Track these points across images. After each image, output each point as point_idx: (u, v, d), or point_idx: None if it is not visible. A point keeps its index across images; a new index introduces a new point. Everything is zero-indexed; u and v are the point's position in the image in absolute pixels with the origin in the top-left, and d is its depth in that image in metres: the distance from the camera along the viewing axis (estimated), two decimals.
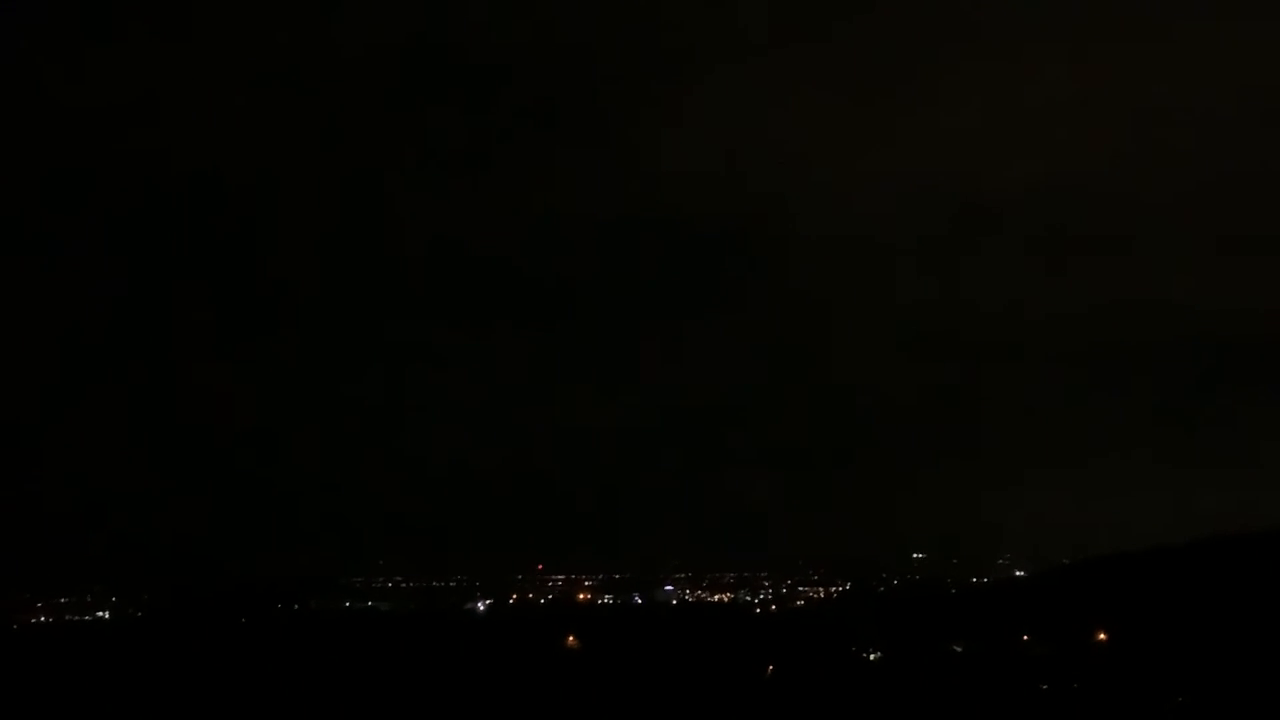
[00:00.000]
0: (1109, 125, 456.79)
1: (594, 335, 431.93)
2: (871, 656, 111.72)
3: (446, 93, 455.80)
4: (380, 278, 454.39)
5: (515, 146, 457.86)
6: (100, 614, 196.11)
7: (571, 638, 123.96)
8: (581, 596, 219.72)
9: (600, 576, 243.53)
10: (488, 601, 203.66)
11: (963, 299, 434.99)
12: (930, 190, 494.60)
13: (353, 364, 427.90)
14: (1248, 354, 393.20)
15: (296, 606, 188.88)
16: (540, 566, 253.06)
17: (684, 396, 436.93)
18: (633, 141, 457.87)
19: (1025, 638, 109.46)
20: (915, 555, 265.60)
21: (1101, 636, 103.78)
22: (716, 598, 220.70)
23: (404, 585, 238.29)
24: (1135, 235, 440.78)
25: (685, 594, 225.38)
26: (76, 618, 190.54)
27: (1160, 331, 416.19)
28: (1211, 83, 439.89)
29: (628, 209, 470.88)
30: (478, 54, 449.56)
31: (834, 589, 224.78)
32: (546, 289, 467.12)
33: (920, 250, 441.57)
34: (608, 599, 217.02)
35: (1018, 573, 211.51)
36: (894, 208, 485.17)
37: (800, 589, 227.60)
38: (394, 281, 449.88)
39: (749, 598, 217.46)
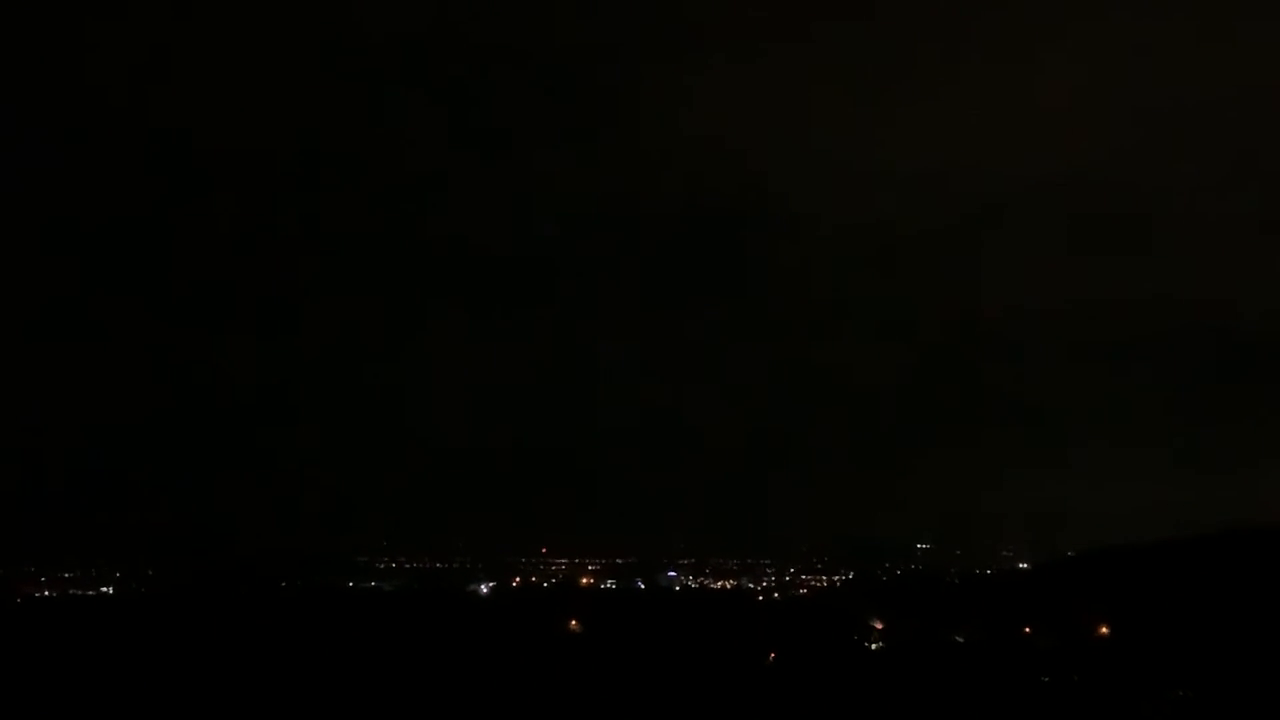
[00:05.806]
0: (1119, 120, 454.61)
1: (595, 317, 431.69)
2: (873, 646, 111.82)
3: (445, 71, 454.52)
4: (385, 260, 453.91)
5: (519, 128, 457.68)
6: (104, 589, 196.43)
7: (574, 621, 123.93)
8: (585, 581, 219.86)
9: (603, 561, 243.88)
10: (490, 584, 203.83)
11: (969, 291, 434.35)
12: (938, 183, 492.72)
13: (360, 343, 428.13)
14: (1259, 350, 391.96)
15: (300, 584, 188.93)
16: (544, 550, 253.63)
17: (687, 381, 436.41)
18: (637, 126, 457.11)
19: (1027, 629, 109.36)
20: (919, 545, 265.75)
21: (1104, 630, 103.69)
22: (719, 584, 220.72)
23: (407, 565, 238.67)
24: (1147, 230, 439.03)
25: (688, 580, 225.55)
26: (80, 592, 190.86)
27: (1172, 325, 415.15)
28: (1221, 79, 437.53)
29: (629, 190, 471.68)
30: (479, 33, 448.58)
31: (837, 578, 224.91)
32: (551, 270, 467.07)
33: (928, 241, 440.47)
34: (610, 584, 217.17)
35: (1021, 564, 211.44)
36: (901, 200, 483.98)
37: (803, 577, 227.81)
38: (400, 263, 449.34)
39: (751, 585, 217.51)
